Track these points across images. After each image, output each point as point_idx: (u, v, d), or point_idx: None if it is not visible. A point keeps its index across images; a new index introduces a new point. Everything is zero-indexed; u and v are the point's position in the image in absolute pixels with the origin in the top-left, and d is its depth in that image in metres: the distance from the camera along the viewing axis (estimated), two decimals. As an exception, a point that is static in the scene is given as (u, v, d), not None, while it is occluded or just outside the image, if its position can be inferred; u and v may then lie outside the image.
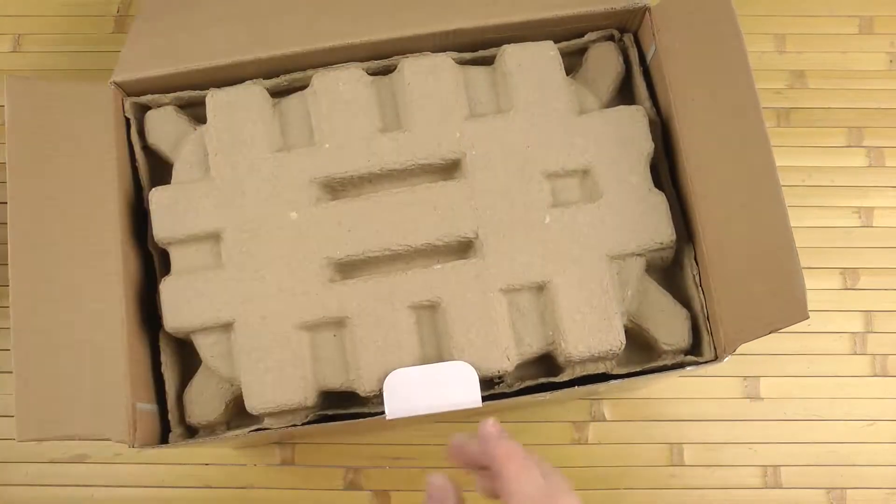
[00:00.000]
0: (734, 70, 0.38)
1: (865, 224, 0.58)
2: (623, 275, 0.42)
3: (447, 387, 0.40)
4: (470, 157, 0.43)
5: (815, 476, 0.54)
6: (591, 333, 0.41)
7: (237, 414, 0.45)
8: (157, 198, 0.44)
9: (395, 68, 0.46)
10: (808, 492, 0.54)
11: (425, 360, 0.42)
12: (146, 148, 0.47)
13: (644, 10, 0.45)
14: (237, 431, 0.43)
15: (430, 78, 0.44)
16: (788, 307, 0.35)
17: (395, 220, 0.43)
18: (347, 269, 0.43)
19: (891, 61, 0.61)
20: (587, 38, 0.47)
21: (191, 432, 0.45)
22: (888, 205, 0.59)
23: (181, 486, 0.54)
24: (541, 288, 0.42)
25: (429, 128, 0.44)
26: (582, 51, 0.48)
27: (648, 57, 0.46)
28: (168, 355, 0.45)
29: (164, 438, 0.44)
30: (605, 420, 0.55)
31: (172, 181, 0.45)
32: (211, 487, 0.54)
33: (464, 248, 0.43)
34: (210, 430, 0.44)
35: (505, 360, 0.41)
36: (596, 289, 0.41)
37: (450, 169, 0.45)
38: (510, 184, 0.43)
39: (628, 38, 0.47)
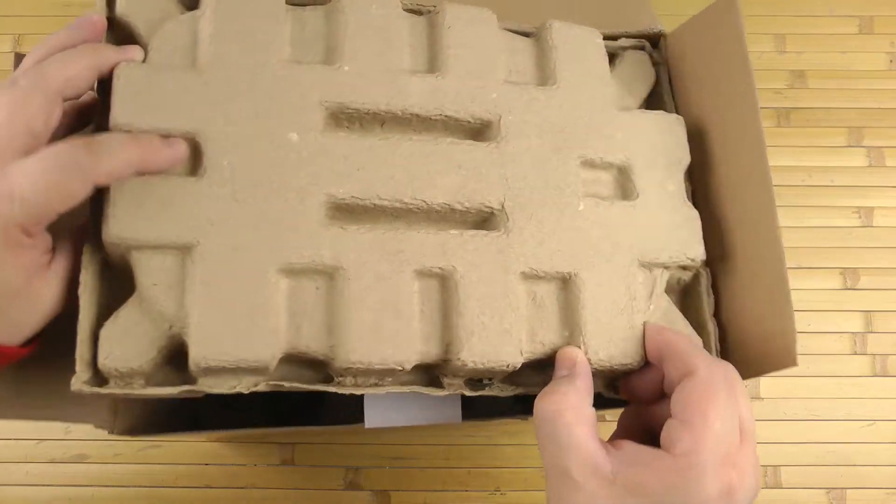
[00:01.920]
0: (742, 105, 0.38)
1: (865, 224, 0.58)
2: (647, 286, 0.39)
3: (428, 401, 0.38)
4: (505, 122, 0.39)
5: (815, 476, 0.54)
6: (614, 342, 0.37)
7: (166, 365, 0.36)
8: (127, 76, 0.35)
9: (431, 12, 0.41)
10: (808, 492, 0.54)
11: (424, 337, 0.36)
12: (113, 21, 0.38)
13: (659, 36, 0.44)
14: (162, 389, 0.35)
15: (472, 28, 0.40)
16: (777, 353, 0.35)
17: (413, 169, 0.37)
18: (348, 213, 0.37)
19: (891, 61, 0.61)
20: (620, 42, 0.45)
21: (100, 381, 0.35)
22: (888, 205, 0.59)
23: (181, 486, 0.54)
24: (565, 280, 0.38)
25: (464, 80, 0.39)
26: (610, 56, 0.45)
27: (663, 82, 0.46)
28: (91, 275, 0.35)
29: (147, 425, 0.43)
30: (605, 420, 0.55)
31: (147, 62, 0.37)
32: (211, 487, 0.54)
33: (485, 220, 0.39)
34: (126, 380, 0.35)
35: (518, 355, 0.36)
36: (624, 293, 0.38)
37: (480, 131, 0.40)
38: (545, 160, 0.39)
39: (658, 54, 0.45)
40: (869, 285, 0.57)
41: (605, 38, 0.44)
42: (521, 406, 0.52)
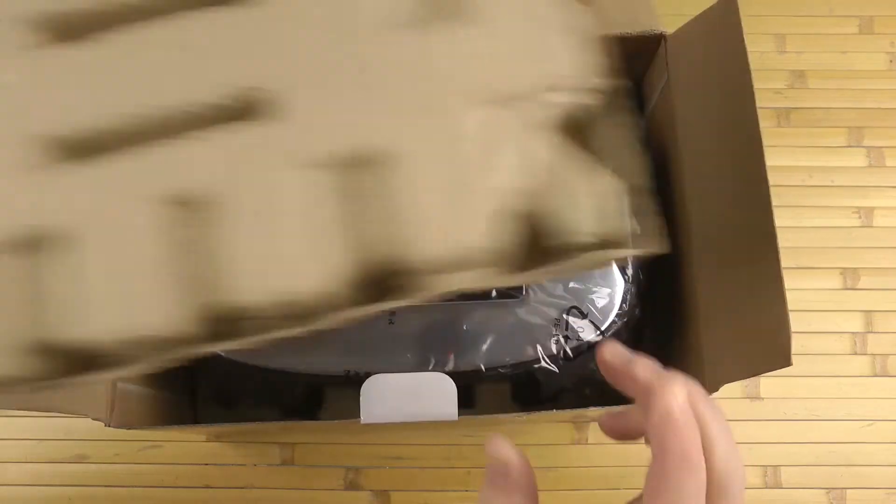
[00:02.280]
0: (740, 108, 0.38)
1: (865, 224, 0.58)
2: (509, 128, 0.27)
3: (424, 397, 0.37)
4: None
5: (815, 476, 0.54)
6: (457, 222, 0.27)
7: None
8: None
9: None
10: (808, 492, 0.54)
11: (182, 295, 0.27)
12: None
13: (661, 37, 0.44)
14: None
15: None
16: (772, 352, 0.35)
17: (149, 70, 0.28)
18: (76, 152, 0.28)
19: (891, 61, 0.61)
20: None
21: None
22: (888, 205, 0.59)
23: (181, 486, 0.54)
24: (378, 162, 0.27)
25: None
26: None
27: (660, 86, 0.45)
28: None
29: (144, 420, 0.43)
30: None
31: None
32: (211, 487, 0.54)
33: (254, 110, 0.28)
34: None
35: (329, 279, 0.27)
36: (469, 155, 0.27)
37: None
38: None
39: None
40: (869, 285, 0.57)
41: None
42: (521, 406, 0.52)
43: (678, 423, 0.24)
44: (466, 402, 0.39)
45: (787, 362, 0.34)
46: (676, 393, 0.24)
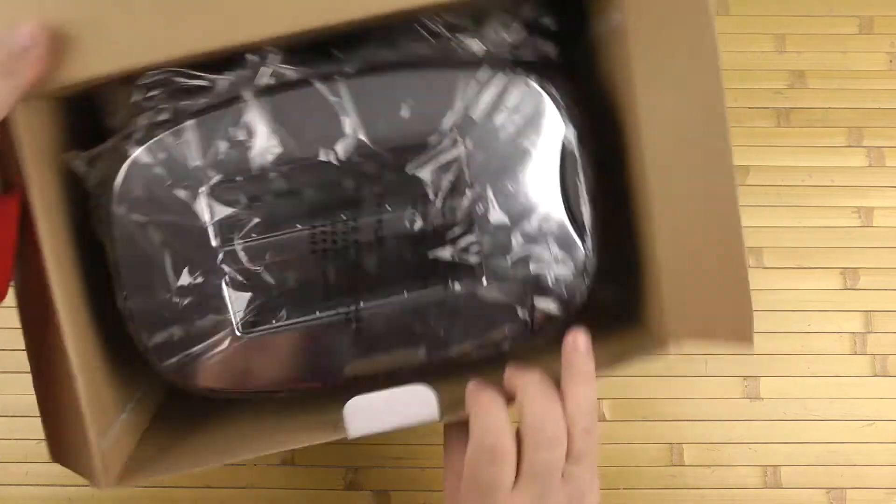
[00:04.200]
0: (702, 64, 0.35)
1: (865, 224, 0.58)
2: None
3: (406, 407, 0.39)
4: None
5: (815, 476, 0.54)
6: None
7: None
8: None
9: None
10: (808, 492, 0.54)
11: None
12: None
13: None
14: None
15: None
16: (735, 333, 0.35)
17: None
18: None
19: (891, 61, 0.61)
20: None
21: None
22: (888, 205, 0.59)
23: (181, 485, 0.54)
24: None
25: None
26: None
27: (611, 23, 0.41)
28: None
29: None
30: (604, 420, 0.55)
31: None
32: (211, 487, 0.54)
33: None
34: None
35: None
36: None
37: None
38: None
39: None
40: (869, 285, 0.57)
41: None
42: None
43: (474, 388, 0.37)
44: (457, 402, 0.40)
45: (748, 341, 0.34)
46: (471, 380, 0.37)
